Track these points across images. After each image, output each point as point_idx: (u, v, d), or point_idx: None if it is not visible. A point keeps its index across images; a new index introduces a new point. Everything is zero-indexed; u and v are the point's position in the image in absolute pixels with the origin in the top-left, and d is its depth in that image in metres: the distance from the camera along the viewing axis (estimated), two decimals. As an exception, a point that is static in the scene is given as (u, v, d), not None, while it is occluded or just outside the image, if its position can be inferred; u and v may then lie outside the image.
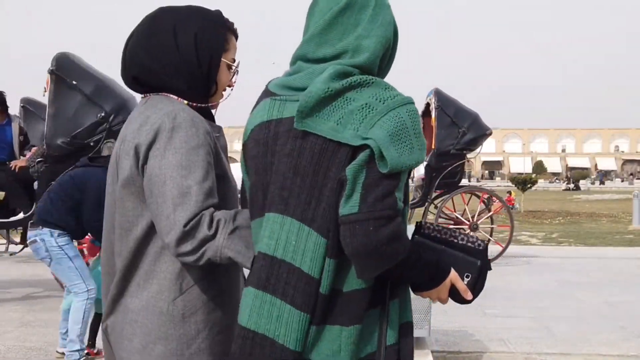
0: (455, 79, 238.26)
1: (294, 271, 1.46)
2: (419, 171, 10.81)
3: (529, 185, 28.53)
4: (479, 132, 10.22)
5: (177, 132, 1.65)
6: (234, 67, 1.87)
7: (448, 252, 1.59)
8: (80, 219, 4.78)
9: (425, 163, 10.40)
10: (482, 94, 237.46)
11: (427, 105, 10.57)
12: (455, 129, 10.06)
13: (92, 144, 6.58)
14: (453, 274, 1.55)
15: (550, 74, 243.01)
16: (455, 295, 1.58)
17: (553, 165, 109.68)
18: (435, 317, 4.98)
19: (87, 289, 4.71)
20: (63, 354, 4.84)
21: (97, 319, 4.89)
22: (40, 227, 4.69)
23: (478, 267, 1.58)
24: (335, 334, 1.47)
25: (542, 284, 8.21)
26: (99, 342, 4.97)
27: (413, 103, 1.48)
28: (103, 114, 6.61)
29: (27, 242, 4.79)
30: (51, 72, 6.73)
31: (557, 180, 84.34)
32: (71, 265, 4.72)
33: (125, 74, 1.82)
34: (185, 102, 1.77)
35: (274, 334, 1.46)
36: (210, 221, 1.62)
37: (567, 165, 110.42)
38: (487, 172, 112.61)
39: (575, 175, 68.53)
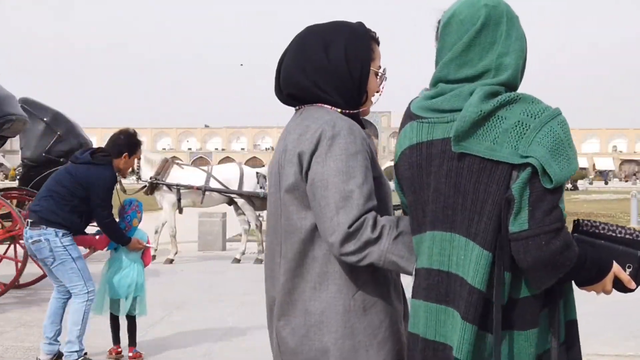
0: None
1: (465, 284, 1.58)
2: None
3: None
4: None
5: (337, 139, 1.75)
6: (380, 74, 1.96)
7: (608, 246, 1.66)
8: (84, 215, 4.80)
9: None
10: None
11: None
12: None
13: None
14: (616, 267, 1.62)
15: (549, 74, 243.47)
16: (618, 285, 1.65)
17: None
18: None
19: (88, 291, 4.71)
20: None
21: (115, 320, 4.92)
22: (45, 226, 4.68)
23: (638, 258, 1.65)
24: (514, 339, 1.58)
25: (540, 283, 8.28)
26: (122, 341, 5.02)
27: (561, 113, 1.57)
28: None
29: (29, 241, 4.73)
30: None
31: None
32: (74, 266, 4.72)
33: (280, 92, 1.95)
34: (339, 110, 1.87)
35: (452, 343, 1.59)
36: (374, 225, 1.71)
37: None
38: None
39: (573, 176, 68.37)
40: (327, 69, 1.85)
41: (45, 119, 10.23)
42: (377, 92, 1.97)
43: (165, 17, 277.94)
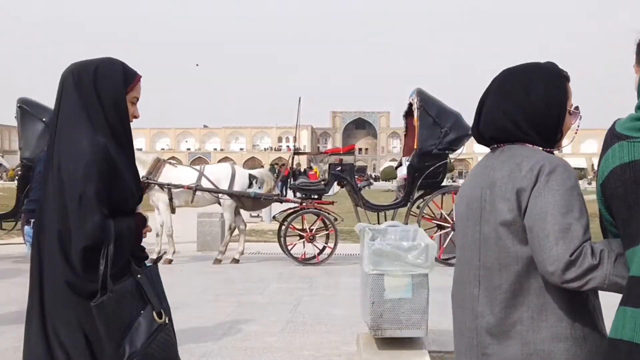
0: (454, 79, 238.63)
1: None
2: (402, 171, 10.77)
3: (526, 186, 28.46)
4: (461, 132, 10.08)
5: (554, 174, 1.86)
6: (573, 112, 2.05)
7: None
8: None
9: (407, 163, 10.36)
10: (479, 94, 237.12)
11: (410, 105, 10.50)
12: (438, 129, 9.97)
13: None
14: None
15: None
16: None
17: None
18: (432, 317, 4.98)
19: None
20: None
21: None
22: None
23: None
24: None
25: (539, 284, 8.28)
26: None
27: None
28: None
29: None
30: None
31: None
32: None
33: (480, 133, 2.08)
34: (540, 149, 1.98)
35: None
36: (592, 252, 1.80)
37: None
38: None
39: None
40: (528, 110, 1.97)
41: (44, 120, 10.25)
42: (575, 132, 2.13)
43: (164, 17, 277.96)
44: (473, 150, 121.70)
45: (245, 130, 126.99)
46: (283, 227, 10.38)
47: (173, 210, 10.44)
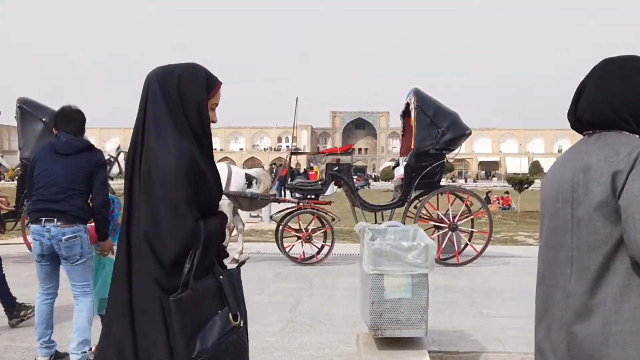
0: (453, 79, 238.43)
1: None
2: (399, 171, 10.75)
3: (525, 186, 28.53)
4: (458, 132, 10.07)
5: None
6: None
7: None
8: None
9: (404, 163, 10.35)
10: (479, 95, 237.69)
11: (407, 105, 10.47)
12: (435, 129, 9.94)
13: None
14: None
15: (547, 75, 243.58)
16: None
17: (549, 165, 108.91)
18: (432, 317, 4.98)
19: (92, 289, 4.77)
20: None
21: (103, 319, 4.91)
22: (77, 224, 4.67)
23: None
24: None
25: (538, 284, 8.27)
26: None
27: None
28: None
29: (64, 238, 4.64)
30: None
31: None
32: (91, 264, 4.77)
33: (577, 117, 2.16)
34: (637, 136, 2.08)
35: None
36: None
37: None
38: (483, 172, 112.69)
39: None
40: (627, 98, 2.07)
41: (43, 119, 10.23)
42: None
43: (164, 17, 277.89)
44: (473, 151, 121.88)
45: (244, 130, 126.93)
46: (280, 228, 10.37)
47: None
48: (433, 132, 9.94)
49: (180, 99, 2.48)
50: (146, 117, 2.49)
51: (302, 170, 40.86)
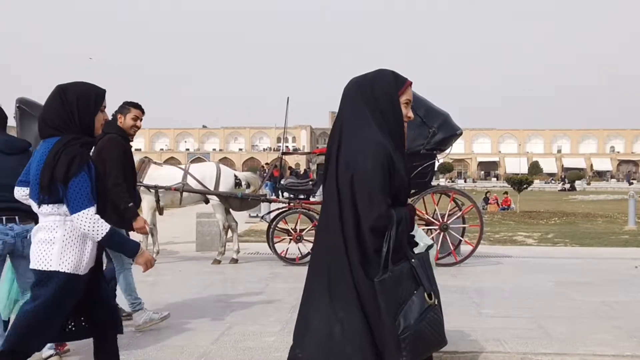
0: (452, 80, 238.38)
1: None
2: None
3: (524, 186, 28.54)
4: (449, 132, 9.94)
5: None
6: None
7: None
8: None
9: None
10: (478, 95, 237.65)
11: None
12: (426, 129, 9.80)
13: None
14: None
15: (546, 75, 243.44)
16: None
17: (549, 165, 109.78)
18: (431, 317, 4.97)
19: None
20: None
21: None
22: (34, 222, 4.65)
23: None
24: None
25: (538, 284, 8.22)
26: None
27: None
28: None
29: (29, 235, 4.63)
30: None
31: (552, 181, 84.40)
32: None
33: None
34: None
35: None
36: None
37: (562, 165, 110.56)
38: (482, 172, 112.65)
39: (570, 176, 68.57)
40: None
41: (43, 119, 10.23)
42: None
43: (163, 17, 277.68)
44: (472, 151, 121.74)
45: (244, 131, 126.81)
46: (270, 229, 10.35)
47: (160, 212, 10.40)
48: (424, 132, 9.79)
49: (375, 99, 2.84)
50: (344, 118, 2.88)
51: (303, 171, 40.74)
